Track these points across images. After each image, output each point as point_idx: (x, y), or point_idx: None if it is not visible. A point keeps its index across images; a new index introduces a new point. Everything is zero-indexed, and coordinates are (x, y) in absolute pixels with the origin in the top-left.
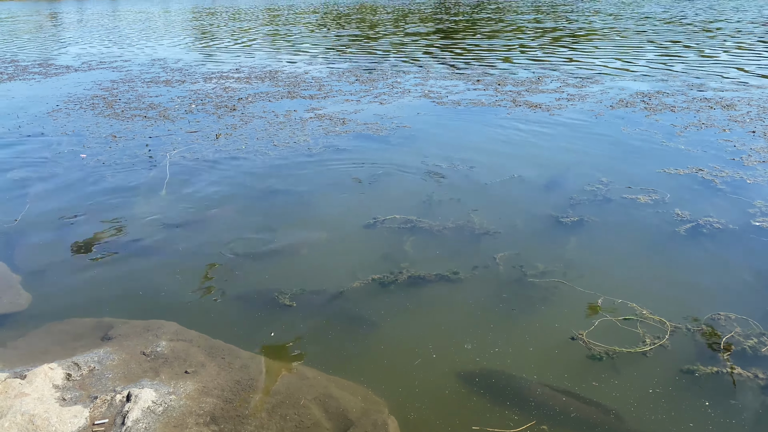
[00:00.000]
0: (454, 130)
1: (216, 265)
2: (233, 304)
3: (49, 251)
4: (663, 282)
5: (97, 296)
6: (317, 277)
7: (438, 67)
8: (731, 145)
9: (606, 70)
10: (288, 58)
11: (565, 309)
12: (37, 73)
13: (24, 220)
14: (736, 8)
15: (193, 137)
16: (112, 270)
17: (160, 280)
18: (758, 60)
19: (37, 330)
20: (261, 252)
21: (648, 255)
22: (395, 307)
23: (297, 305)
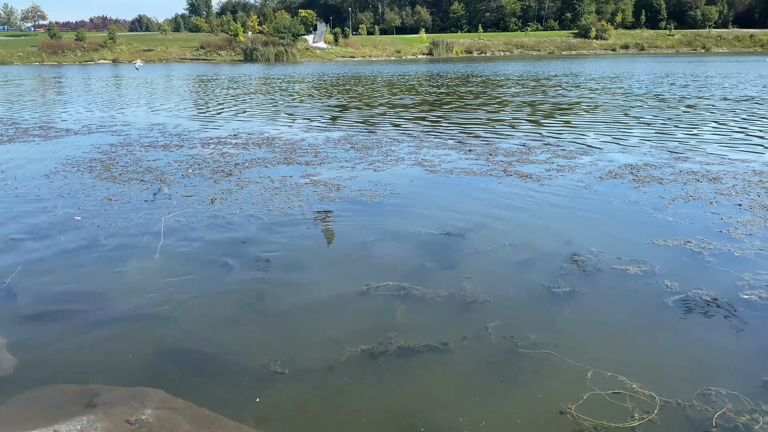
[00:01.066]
0: (447, 198)
1: (205, 329)
2: (221, 369)
3: (37, 315)
4: (653, 355)
5: (84, 362)
6: (308, 345)
7: (431, 137)
8: (718, 218)
9: (594, 142)
10: (285, 124)
11: (555, 381)
12: (38, 135)
13: (13, 283)
14: (718, 85)
15: (189, 201)
16: (100, 335)
17: (148, 347)
18: (742, 135)
19: (19, 396)
20: (251, 317)
21: (638, 327)
22: (384, 379)
23: (286, 373)
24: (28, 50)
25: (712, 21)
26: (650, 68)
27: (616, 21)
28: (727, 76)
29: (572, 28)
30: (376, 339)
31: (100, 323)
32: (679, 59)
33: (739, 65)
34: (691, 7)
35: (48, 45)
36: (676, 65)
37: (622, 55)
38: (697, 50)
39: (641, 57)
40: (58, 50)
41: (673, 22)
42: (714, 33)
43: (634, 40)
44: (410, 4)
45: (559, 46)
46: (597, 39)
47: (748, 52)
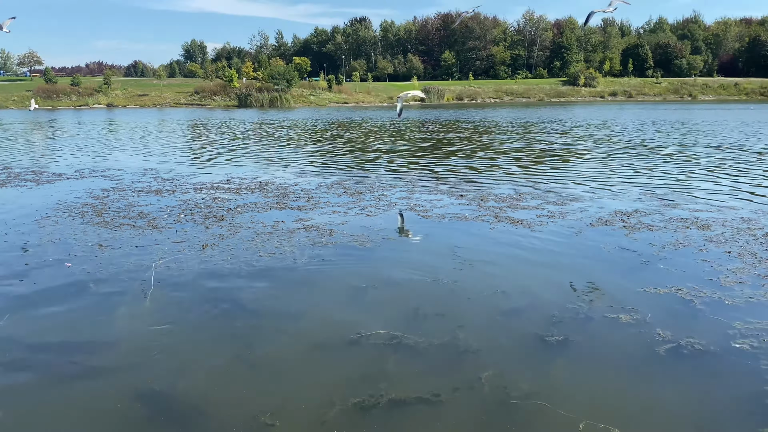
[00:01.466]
0: (439, 244)
1: (194, 380)
2: (209, 422)
3: (21, 365)
4: (645, 406)
5: (66, 414)
6: (298, 396)
7: (423, 182)
8: (708, 265)
9: (584, 188)
10: (278, 169)
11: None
12: (30, 180)
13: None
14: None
15: (180, 247)
16: (84, 386)
17: (133, 398)
18: (730, 182)
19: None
20: (241, 367)
21: (630, 377)
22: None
23: (276, 426)
24: (23, 94)
25: (698, 69)
26: (638, 115)
27: (604, 69)
28: (713, 124)
29: (561, 76)
30: (367, 391)
31: (85, 374)
32: (667, 106)
33: (725, 113)
34: (676, 56)
35: (43, 89)
36: (663, 112)
37: (610, 102)
38: (684, 98)
39: (629, 104)
40: (53, 94)
41: (660, 70)
42: (700, 81)
43: (622, 88)
44: (402, 53)
45: (549, 93)
46: (586, 86)
47: (734, 100)
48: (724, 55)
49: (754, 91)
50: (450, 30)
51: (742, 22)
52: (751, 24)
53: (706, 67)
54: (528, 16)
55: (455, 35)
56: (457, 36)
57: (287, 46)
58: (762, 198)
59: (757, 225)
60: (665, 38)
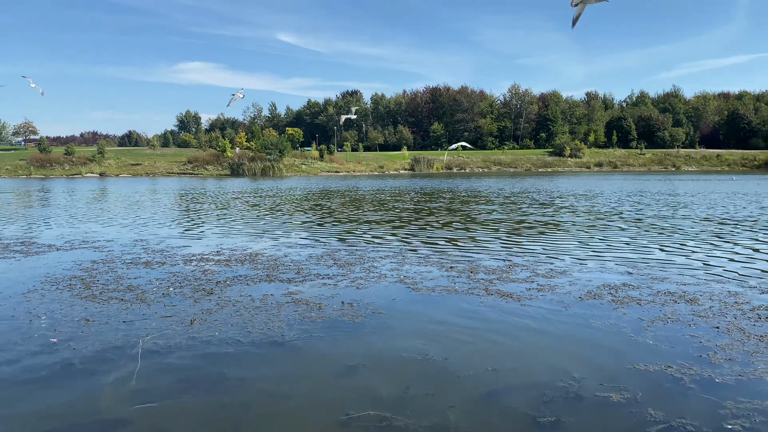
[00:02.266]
0: (429, 319)
1: None
2: None
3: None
4: None
5: None
6: None
7: (413, 253)
8: (697, 341)
9: (573, 260)
10: (269, 239)
11: None
12: (18, 251)
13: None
14: (691, 203)
15: (168, 322)
16: None
17: None
18: (717, 254)
19: None
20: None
21: None
22: None
23: None
24: (17, 163)
25: (680, 141)
26: (625, 186)
27: (589, 140)
28: (697, 195)
29: (547, 147)
30: None
31: None
32: (652, 177)
33: (708, 183)
34: (659, 129)
35: (37, 159)
36: (649, 183)
37: (596, 173)
38: (668, 168)
39: (615, 174)
40: (46, 164)
41: (644, 142)
42: (683, 152)
43: (607, 159)
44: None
45: (536, 163)
46: (572, 157)
47: (716, 171)
48: (705, 128)
49: (736, 162)
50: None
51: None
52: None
53: (688, 138)
54: (514, 90)
55: (444, 108)
56: (445, 108)
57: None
58: (748, 271)
59: (744, 299)
60: (647, 111)
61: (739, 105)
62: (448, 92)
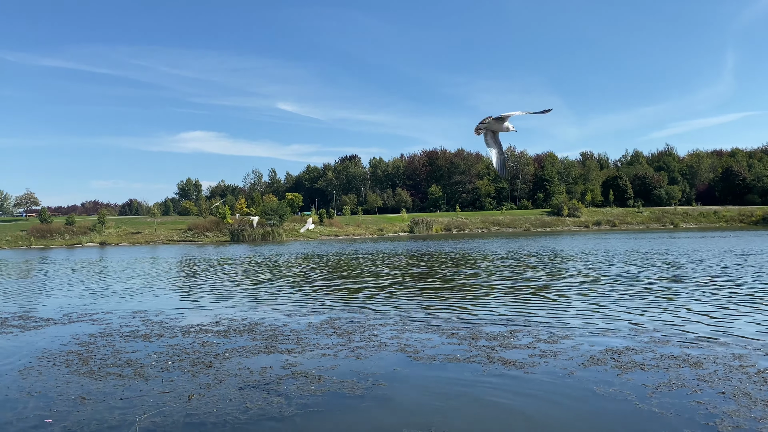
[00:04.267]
0: (431, 390)
1: None
2: None
3: None
4: None
5: None
6: None
7: (414, 319)
8: (703, 408)
9: (575, 324)
10: (268, 308)
11: None
12: (16, 326)
13: None
14: (691, 263)
15: (166, 399)
16: None
17: None
18: (719, 315)
19: None
20: None
21: None
22: None
23: None
24: (17, 234)
25: (677, 199)
26: (623, 245)
27: (586, 200)
28: (697, 253)
29: (545, 207)
30: None
31: None
32: (651, 235)
33: (706, 241)
34: (655, 187)
35: (37, 229)
36: (647, 242)
37: (595, 231)
38: (666, 226)
39: (614, 233)
40: (46, 234)
41: (640, 200)
42: (680, 210)
43: (605, 217)
44: (391, 187)
45: (534, 223)
46: (570, 216)
47: (714, 228)
48: (701, 185)
49: (734, 219)
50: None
51: (714, 154)
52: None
53: (685, 195)
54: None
55: (441, 170)
56: (443, 171)
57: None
58: (752, 332)
59: (749, 362)
60: (642, 170)
61: (732, 162)
62: (445, 155)
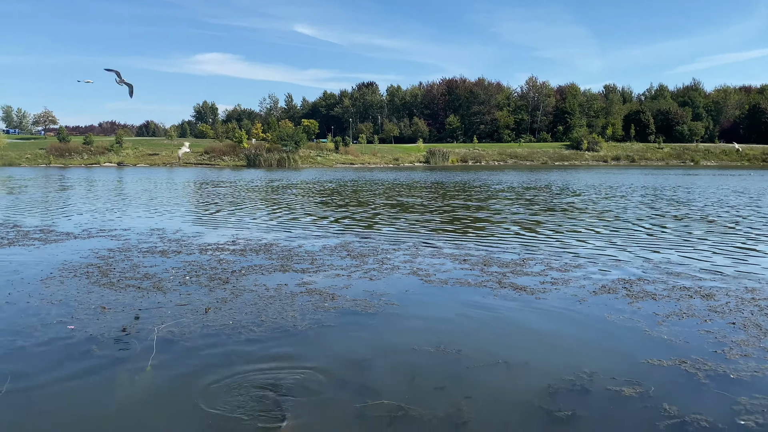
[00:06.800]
0: (442, 311)
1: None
2: None
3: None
4: None
5: None
6: None
7: (427, 245)
8: (713, 337)
9: (588, 254)
10: (283, 230)
11: None
12: (38, 239)
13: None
14: (709, 200)
15: (183, 311)
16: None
17: None
18: (734, 251)
19: None
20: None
21: None
22: None
23: None
24: (36, 152)
25: (699, 135)
26: (642, 180)
27: (606, 134)
28: (717, 190)
29: (564, 140)
30: None
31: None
32: (670, 172)
33: (727, 179)
34: (678, 123)
35: (56, 148)
36: (666, 178)
37: (613, 167)
38: (686, 163)
39: (632, 169)
40: (65, 153)
41: (662, 136)
42: (702, 147)
43: (624, 152)
44: (408, 116)
45: (552, 156)
46: (589, 151)
47: (735, 166)
48: (725, 122)
49: (756, 158)
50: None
51: (742, 90)
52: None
53: (708, 133)
54: (531, 82)
55: (460, 100)
56: (461, 101)
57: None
58: (767, 267)
59: (762, 295)
60: (666, 105)
61: (760, 99)
62: (465, 84)
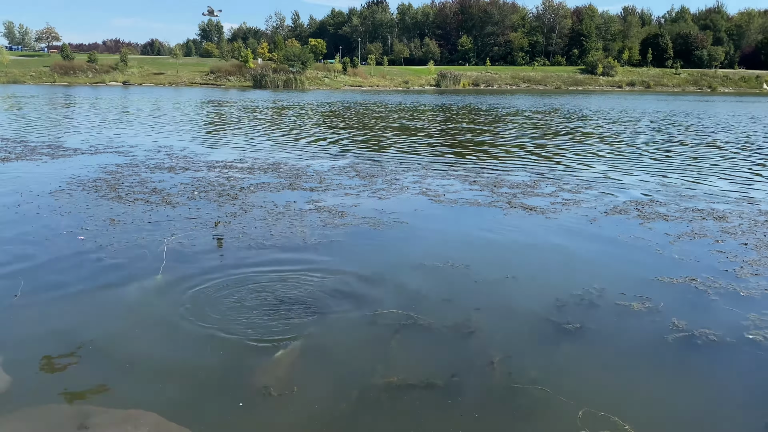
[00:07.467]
0: (451, 229)
1: (202, 357)
2: (218, 396)
3: (33, 335)
4: (651, 396)
5: (79, 381)
6: (313, 372)
7: (436, 167)
8: (724, 257)
9: (600, 177)
10: (291, 150)
11: (546, 420)
12: (45, 154)
13: (14, 301)
14: (725, 125)
15: (192, 224)
16: (98, 355)
17: (145, 368)
18: (749, 175)
19: (12, 415)
20: (253, 346)
21: (638, 366)
22: (384, 416)
23: (286, 399)
24: (41, 70)
25: (719, 61)
26: (656, 106)
27: (622, 58)
28: (734, 116)
29: (579, 64)
30: (381, 369)
31: (99, 343)
32: (686, 98)
33: (745, 106)
34: (697, 47)
35: (60, 66)
36: (682, 104)
37: (628, 92)
38: (703, 89)
39: (647, 94)
40: (69, 71)
41: (680, 61)
42: (720, 73)
43: (640, 78)
44: (419, 36)
45: (566, 81)
46: (604, 75)
47: (754, 93)
48: (747, 47)
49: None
50: (468, 14)
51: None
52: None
53: (728, 58)
54: (547, 2)
55: (473, 20)
56: (475, 21)
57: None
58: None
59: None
60: (686, 28)
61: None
62: (479, 3)
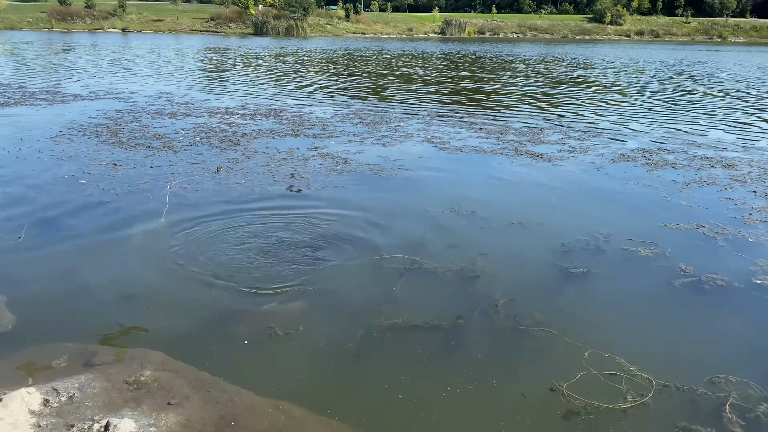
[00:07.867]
0: (456, 175)
1: (207, 298)
2: (223, 335)
3: (39, 274)
4: (656, 338)
5: (84, 322)
6: (318, 313)
7: (441, 115)
8: (732, 204)
9: (607, 125)
10: (294, 97)
11: (551, 360)
12: (44, 99)
13: (17, 241)
14: (734, 74)
15: (195, 169)
16: (102, 296)
17: (150, 309)
18: (760, 123)
19: (17, 353)
20: (258, 287)
21: (644, 309)
22: (389, 355)
23: (289, 339)
24: (38, 16)
25: (730, 9)
26: (665, 55)
27: (632, 6)
28: (743, 66)
29: (587, 13)
30: (388, 310)
31: (103, 284)
32: (695, 47)
33: (756, 56)
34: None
35: (57, 11)
36: (690, 53)
37: (636, 42)
38: (713, 39)
39: (656, 44)
40: (67, 17)
41: (690, 9)
42: (731, 22)
43: (649, 27)
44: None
45: (573, 30)
46: (612, 24)
47: (765, 43)
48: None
49: None
50: None
51: None
52: None
53: (740, 6)
54: None
55: None
56: None
57: None
58: None
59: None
60: None
61: None
62: None
